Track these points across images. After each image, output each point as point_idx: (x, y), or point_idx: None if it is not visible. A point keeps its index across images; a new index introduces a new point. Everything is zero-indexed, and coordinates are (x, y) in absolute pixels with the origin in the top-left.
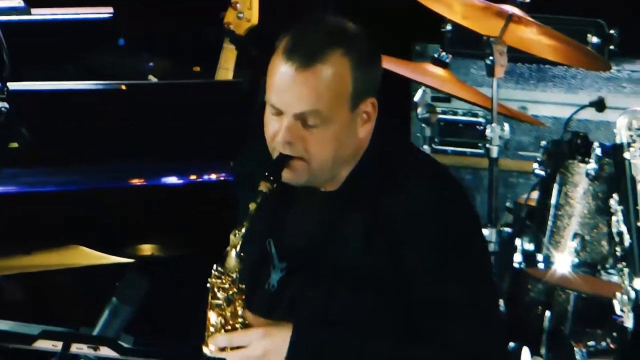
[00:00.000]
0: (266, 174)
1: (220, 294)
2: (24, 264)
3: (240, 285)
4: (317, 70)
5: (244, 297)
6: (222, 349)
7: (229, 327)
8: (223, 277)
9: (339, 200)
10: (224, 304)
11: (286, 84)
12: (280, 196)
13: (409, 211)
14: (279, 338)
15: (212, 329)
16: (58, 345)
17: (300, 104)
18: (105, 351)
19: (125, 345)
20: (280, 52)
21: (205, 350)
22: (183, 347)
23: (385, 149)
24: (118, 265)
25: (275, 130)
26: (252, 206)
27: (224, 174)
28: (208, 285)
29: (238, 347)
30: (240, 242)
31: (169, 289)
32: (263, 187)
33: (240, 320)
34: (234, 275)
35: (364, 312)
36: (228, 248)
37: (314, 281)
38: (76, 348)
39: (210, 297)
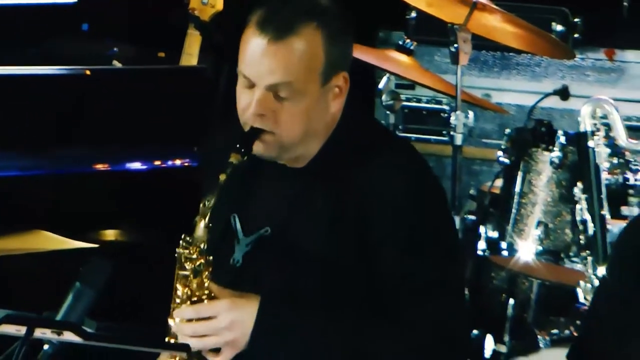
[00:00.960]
0: (237, 146)
1: (187, 265)
2: None
3: (207, 257)
4: (289, 42)
5: (210, 269)
6: (189, 320)
7: (195, 299)
8: (191, 247)
9: (307, 176)
10: (191, 275)
11: (258, 56)
12: (247, 172)
13: (378, 188)
14: (246, 311)
15: (177, 301)
16: (22, 330)
17: (272, 76)
18: (68, 336)
19: (88, 330)
20: (253, 25)
21: (170, 322)
22: (146, 332)
23: (354, 126)
24: (82, 250)
25: (247, 103)
26: (222, 177)
27: (187, 160)
28: (176, 255)
29: (204, 319)
30: (209, 213)
31: (133, 274)
32: (233, 158)
33: (206, 292)
34: (202, 246)
35: (328, 290)
36: (197, 218)
37: (278, 257)
38: (40, 333)
39: (177, 268)
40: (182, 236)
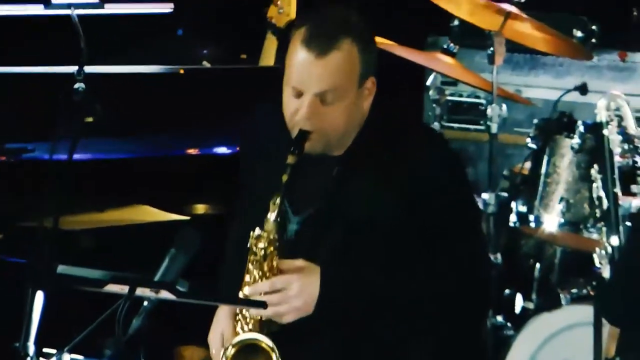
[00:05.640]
0: (292, 148)
1: (258, 252)
2: (98, 219)
3: (276, 244)
4: (333, 56)
5: (277, 253)
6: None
7: (265, 278)
8: (261, 237)
9: (347, 160)
10: (261, 260)
11: (307, 69)
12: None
13: (410, 159)
14: (311, 278)
15: (248, 278)
16: (125, 289)
17: (320, 85)
18: (164, 294)
19: (181, 289)
20: (298, 41)
21: (240, 295)
22: (229, 291)
23: (385, 117)
24: (177, 221)
25: (295, 109)
26: (284, 178)
27: None
28: (248, 245)
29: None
30: (277, 209)
31: (218, 241)
32: (290, 160)
33: (275, 271)
34: (272, 237)
35: (377, 248)
36: (268, 215)
37: (328, 230)
38: (140, 291)
39: (249, 254)
40: (255, 229)
